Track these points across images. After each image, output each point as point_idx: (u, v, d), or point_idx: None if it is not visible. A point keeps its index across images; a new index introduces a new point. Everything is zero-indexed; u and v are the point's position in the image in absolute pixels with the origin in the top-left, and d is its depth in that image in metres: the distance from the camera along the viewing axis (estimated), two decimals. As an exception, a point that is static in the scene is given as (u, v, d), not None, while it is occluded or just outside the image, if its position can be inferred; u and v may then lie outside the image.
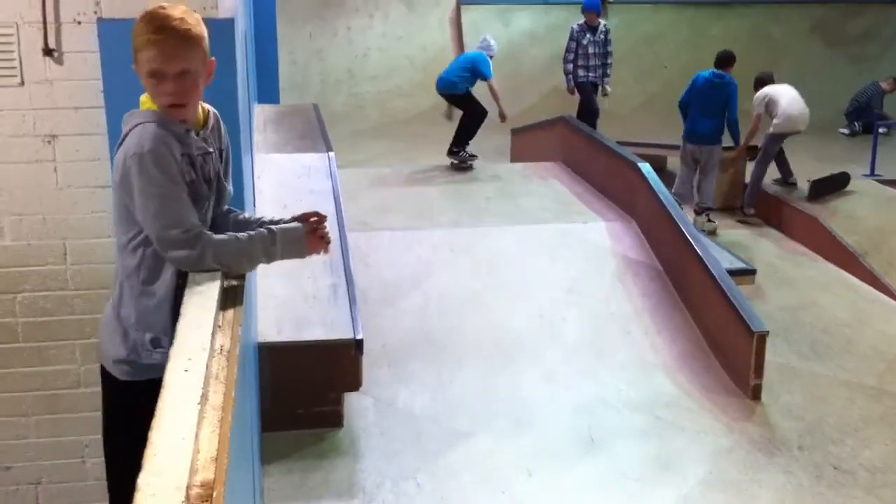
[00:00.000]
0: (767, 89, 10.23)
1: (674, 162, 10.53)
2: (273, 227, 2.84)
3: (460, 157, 9.81)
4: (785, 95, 10.08)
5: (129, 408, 2.67)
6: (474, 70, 9.75)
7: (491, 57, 9.91)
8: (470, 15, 16.56)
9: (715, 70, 9.65)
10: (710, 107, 9.53)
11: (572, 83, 11.17)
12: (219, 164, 2.86)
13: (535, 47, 16.39)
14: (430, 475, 5.01)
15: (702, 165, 9.66)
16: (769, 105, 10.05)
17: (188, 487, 1.68)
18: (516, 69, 15.92)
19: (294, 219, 2.92)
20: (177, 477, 1.70)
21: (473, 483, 4.99)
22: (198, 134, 2.74)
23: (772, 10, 16.95)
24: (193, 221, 2.62)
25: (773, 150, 10.09)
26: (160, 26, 2.55)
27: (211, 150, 2.79)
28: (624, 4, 16.64)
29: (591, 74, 11.06)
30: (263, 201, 6.28)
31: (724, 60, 9.67)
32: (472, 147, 9.89)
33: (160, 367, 2.18)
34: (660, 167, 10.56)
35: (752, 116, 10.09)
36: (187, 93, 2.62)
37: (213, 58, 2.69)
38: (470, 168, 9.81)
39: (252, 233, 2.77)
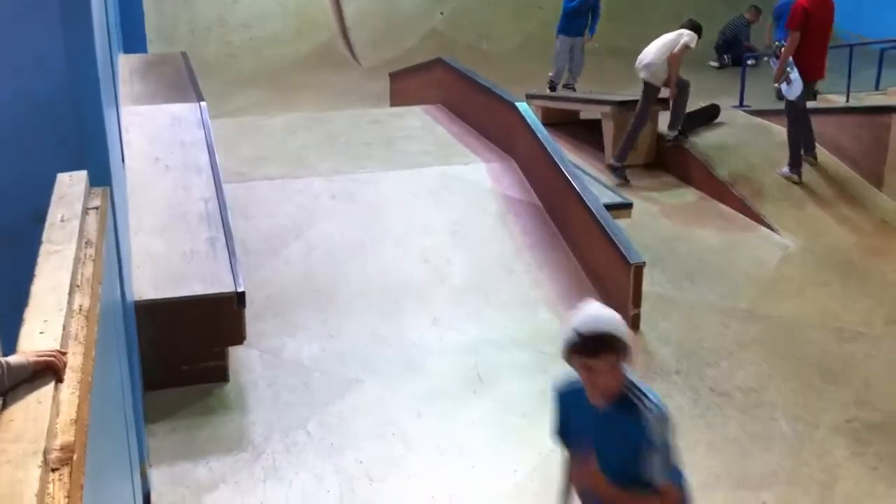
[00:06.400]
0: None
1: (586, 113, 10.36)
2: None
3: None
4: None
5: None
6: None
7: None
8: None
9: None
10: None
11: None
12: None
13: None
14: (319, 423, 5.00)
15: None
16: None
17: (46, 452, 1.61)
18: (393, 10, 15.71)
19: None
20: (35, 442, 1.63)
21: (364, 428, 5.00)
22: None
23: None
24: None
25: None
26: None
27: None
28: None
29: None
30: (133, 155, 6.07)
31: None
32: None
33: None
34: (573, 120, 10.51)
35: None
36: None
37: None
38: None
39: None
